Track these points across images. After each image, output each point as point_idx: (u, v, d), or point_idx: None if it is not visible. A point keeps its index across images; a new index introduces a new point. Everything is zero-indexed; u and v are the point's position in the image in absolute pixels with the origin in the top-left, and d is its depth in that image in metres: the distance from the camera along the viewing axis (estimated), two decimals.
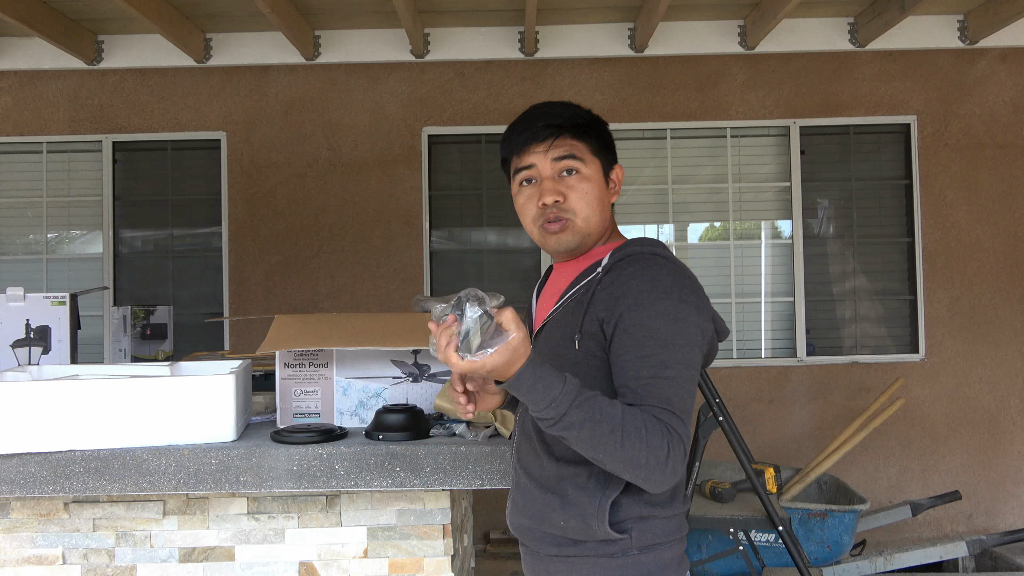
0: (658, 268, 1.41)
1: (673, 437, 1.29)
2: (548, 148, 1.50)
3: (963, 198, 5.05)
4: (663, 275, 1.40)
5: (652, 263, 1.42)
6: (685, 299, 1.39)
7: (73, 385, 1.89)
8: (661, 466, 1.28)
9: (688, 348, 1.36)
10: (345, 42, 4.93)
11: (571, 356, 1.42)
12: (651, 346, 1.34)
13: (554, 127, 1.50)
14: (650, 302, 1.37)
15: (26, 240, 5.19)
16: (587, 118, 1.54)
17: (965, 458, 5.01)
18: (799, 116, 5.06)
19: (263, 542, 2.00)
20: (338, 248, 5.05)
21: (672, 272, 1.42)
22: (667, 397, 1.31)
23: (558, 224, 1.50)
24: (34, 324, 2.49)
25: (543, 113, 1.53)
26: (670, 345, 1.35)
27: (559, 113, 1.52)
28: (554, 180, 1.50)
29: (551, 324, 1.51)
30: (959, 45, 4.88)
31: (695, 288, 1.43)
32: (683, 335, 1.36)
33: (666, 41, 4.87)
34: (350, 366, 2.11)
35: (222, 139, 5.06)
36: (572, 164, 1.50)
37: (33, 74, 5.04)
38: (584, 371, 1.39)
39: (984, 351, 5.02)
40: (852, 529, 3.66)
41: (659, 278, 1.39)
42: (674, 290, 1.39)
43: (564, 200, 1.49)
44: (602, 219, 1.52)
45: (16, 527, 2.00)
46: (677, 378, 1.34)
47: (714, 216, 5.18)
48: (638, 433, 1.26)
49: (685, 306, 1.38)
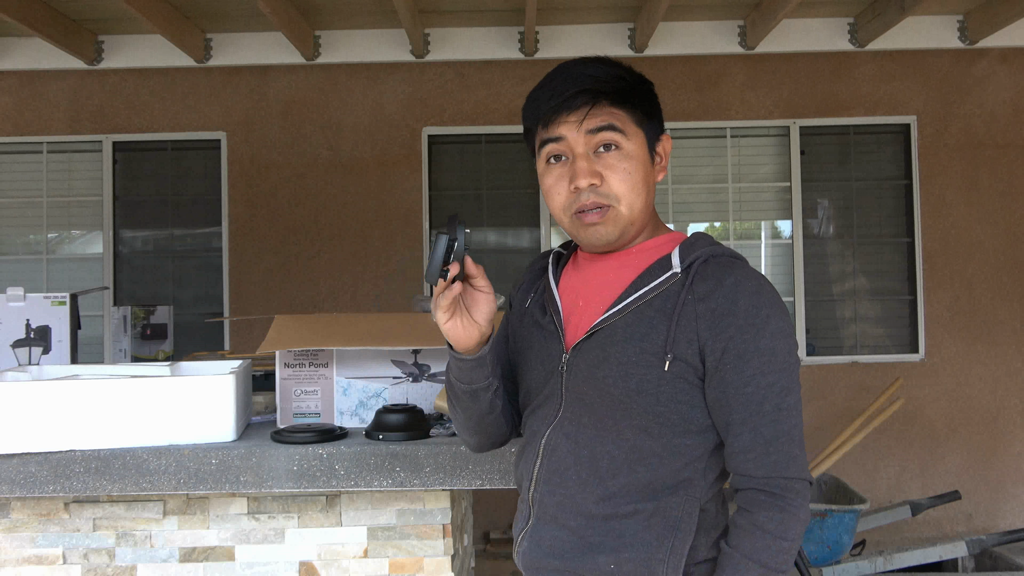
0: (755, 275, 1.22)
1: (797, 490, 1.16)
2: (583, 118, 1.22)
3: (963, 198, 5.05)
4: (763, 283, 1.21)
5: (744, 268, 1.22)
6: (785, 310, 1.22)
7: (73, 385, 1.89)
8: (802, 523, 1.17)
9: (798, 365, 1.22)
10: (345, 42, 4.93)
11: (654, 377, 1.19)
12: (772, 373, 1.17)
13: (590, 92, 1.21)
14: (763, 320, 1.17)
15: (26, 240, 5.19)
16: (631, 80, 1.25)
17: (965, 458, 5.01)
18: (799, 116, 5.06)
19: (263, 542, 2.00)
20: (338, 248, 5.05)
21: (764, 277, 1.23)
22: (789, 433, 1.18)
23: (597, 213, 1.24)
24: (34, 324, 2.49)
25: (577, 75, 1.23)
26: (788, 368, 1.19)
27: (595, 75, 1.22)
28: (589, 158, 1.23)
29: (611, 330, 1.23)
30: (959, 45, 4.88)
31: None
32: (795, 352, 1.21)
33: (666, 41, 4.87)
34: (350, 366, 2.12)
35: (222, 139, 5.06)
36: (612, 138, 1.22)
37: (33, 74, 5.04)
38: (670, 396, 1.19)
39: (984, 351, 5.02)
40: (852, 529, 3.66)
41: (762, 288, 1.20)
42: (777, 301, 1.21)
43: (601, 183, 1.23)
44: (647, 204, 1.26)
45: (16, 527, 2.00)
46: (796, 406, 1.20)
47: (714, 216, 5.18)
48: (778, 546, 1.16)
49: (788, 319, 1.22)
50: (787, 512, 1.15)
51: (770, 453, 1.17)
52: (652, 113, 1.27)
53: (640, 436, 1.21)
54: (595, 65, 1.25)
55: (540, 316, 1.36)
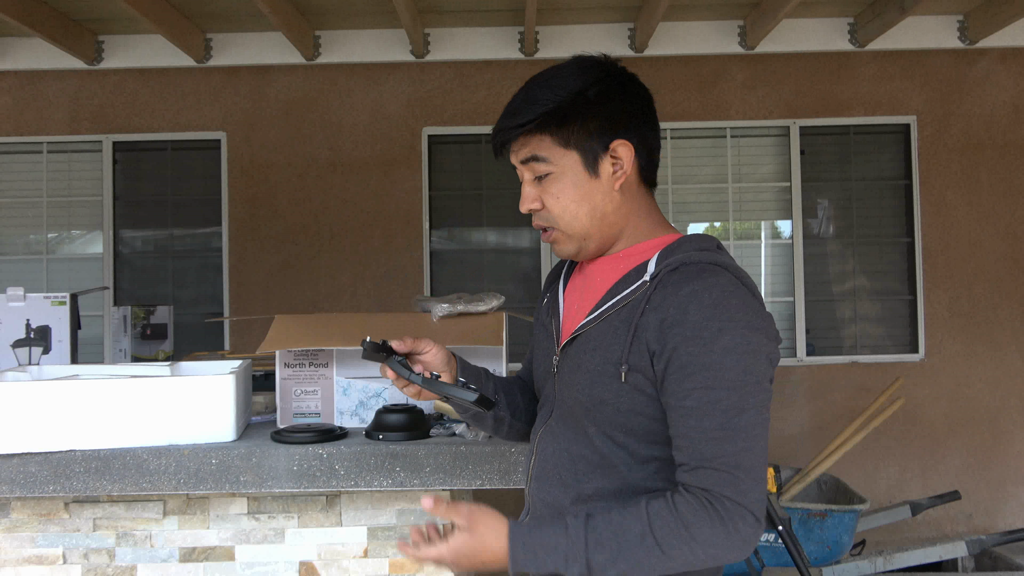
0: (721, 285, 1.15)
1: (731, 512, 1.08)
2: (515, 151, 1.29)
3: (963, 198, 5.05)
4: (728, 295, 1.14)
5: (712, 277, 1.15)
6: (756, 326, 1.14)
7: (73, 385, 1.90)
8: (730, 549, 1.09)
9: (762, 387, 1.13)
10: (345, 42, 4.93)
11: (614, 388, 1.19)
12: (719, 390, 1.10)
13: (512, 128, 1.25)
14: (713, 334, 1.11)
15: (26, 240, 5.19)
16: (559, 101, 1.22)
17: (965, 458, 5.01)
18: (799, 116, 5.06)
19: (263, 542, 2.00)
20: (338, 248, 5.05)
21: (737, 288, 1.16)
22: (735, 455, 1.09)
23: (547, 234, 1.31)
24: (34, 324, 2.49)
25: (507, 109, 1.28)
26: (741, 387, 1.11)
27: (517, 108, 1.25)
28: (534, 184, 1.29)
29: (586, 338, 1.25)
30: (959, 45, 4.88)
31: (762, 307, 1.18)
32: (756, 372, 1.12)
33: (666, 41, 4.87)
34: (350, 366, 2.12)
35: (222, 139, 5.06)
36: (538, 168, 1.27)
37: (33, 74, 5.04)
38: (629, 407, 1.18)
39: (984, 351, 5.02)
40: (852, 529, 3.66)
41: (723, 300, 1.13)
42: (742, 314, 1.13)
43: (542, 207, 1.29)
44: (594, 215, 1.26)
45: (16, 527, 2.00)
46: (751, 426, 1.11)
47: (714, 216, 5.18)
48: (678, 535, 1.08)
49: (756, 335, 1.13)
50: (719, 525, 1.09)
51: (709, 473, 1.10)
52: (591, 126, 1.23)
53: (608, 444, 1.22)
54: (522, 94, 1.26)
55: (546, 318, 1.41)
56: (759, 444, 1.11)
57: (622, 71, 1.29)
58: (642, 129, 1.27)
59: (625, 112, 1.25)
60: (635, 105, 1.27)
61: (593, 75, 1.25)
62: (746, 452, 1.10)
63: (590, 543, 1.10)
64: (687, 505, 1.10)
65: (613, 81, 1.26)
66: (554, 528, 1.12)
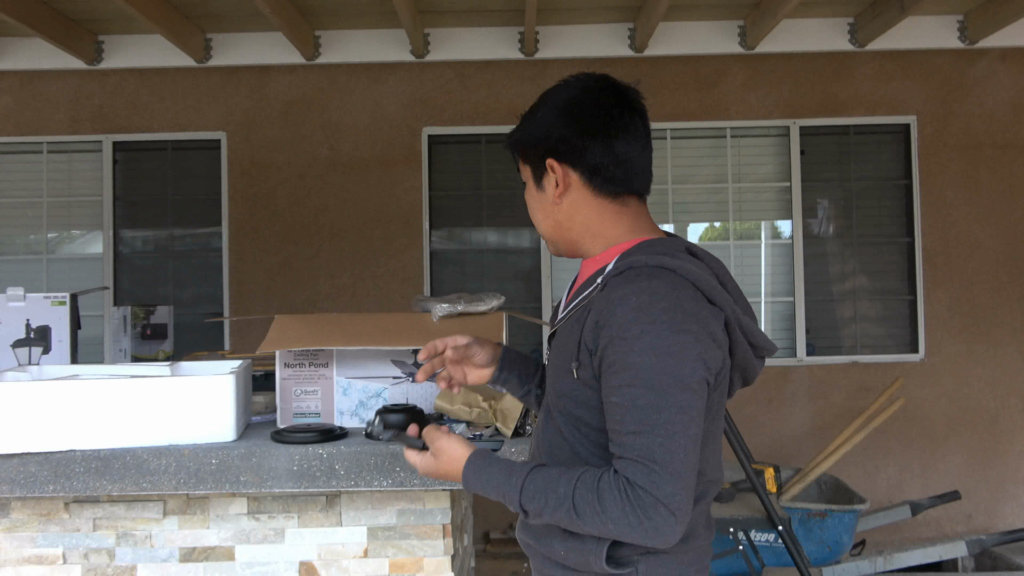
0: (651, 289, 1.20)
1: (643, 501, 1.15)
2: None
3: (963, 198, 5.05)
4: (656, 298, 1.19)
5: (646, 280, 1.22)
6: (681, 328, 1.18)
7: (73, 385, 1.90)
8: (640, 534, 1.17)
9: (682, 389, 1.17)
10: (345, 42, 4.93)
11: (570, 383, 1.29)
12: (637, 387, 1.17)
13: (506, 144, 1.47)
14: (634, 335, 1.18)
15: (26, 240, 5.19)
16: (523, 122, 1.41)
17: (965, 458, 5.01)
18: (799, 116, 5.06)
19: (263, 542, 2.00)
20: (338, 248, 5.05)
21: (672, 291, 1.21)
22: (651, 450, 1.15)
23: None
24: (34, 324, 2.49)
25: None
26: (659, 387, 1.17)
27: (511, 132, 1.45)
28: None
29: (557, 336, 1.38)
30: (959, 45, 4.88)
31: (697, 312, 1.21)
32: (676, 373, 1.17)
33: (666, 41, 4.87)
34: (350, 366, 2.12)
35: (222, 139, 5.06)
36: (522, 177, 1.44)
37: (33, 74, 5.04)
38: (583, 400, 1.27)
39: (984, 351, 5.02)
40: (852, 529, 3.66)
41: (649, 303, 1.19)
42: (666, 317, 1.18)
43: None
44: (547, 222, 1.39)
45: (16, 527, 2.00)
46: (667, 425, 1.16)
47: (714, 216, 5.18)
48: (592, 507, 1.18)
49: (681, 337, 1.18)
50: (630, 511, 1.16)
51: (628, 463, 1.18)
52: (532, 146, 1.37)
53: (573, 433, 1.31)
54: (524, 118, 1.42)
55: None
56: (678, 442, 1.16)
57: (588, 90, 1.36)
58: (580, 150, 1.32)
59: (559, 134, 1.33)
60: (573, 128, 1.33)
61: (553, 98, 1.37)
62: (662, 448, 1.16)
63: (524, 493, 1.24)
64: (608, 485, 1.19)
65: (563, 102, 1.35)
66: (502, 469, 1.29)
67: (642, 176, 1.36)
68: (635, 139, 1.34)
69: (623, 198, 1.35)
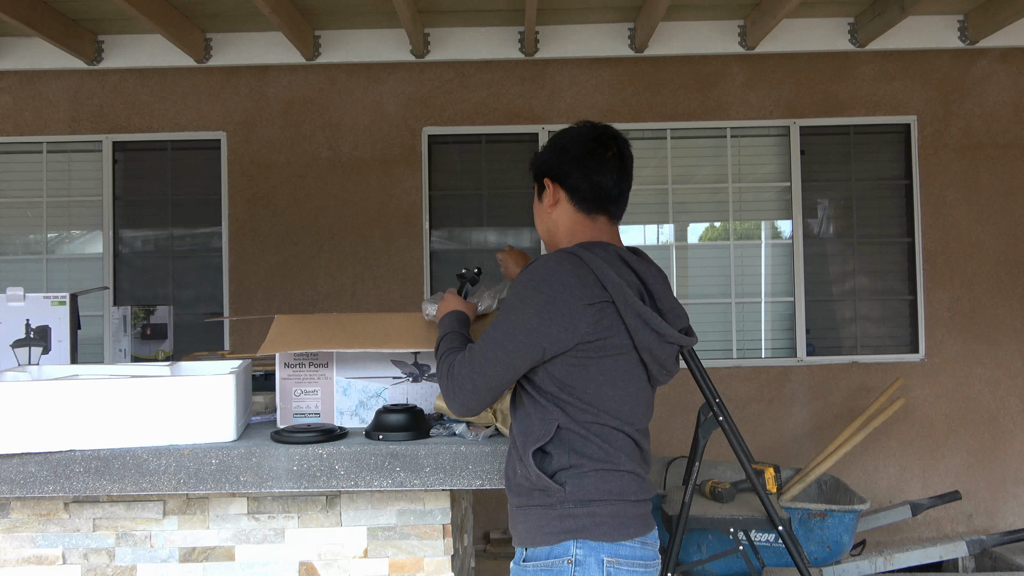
0: (528, 271, 1.65)
1: (453, 370, 1.68)
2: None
3: (963, 198, 5.05)
4: (525, 276, 1.65)
5: (531, 265, 1.67)
6: (526, 298, 1.62)
7: (73, 385, 1.89)
8: (443, 391, 1.70)
9: (504, 336, 1.62)
10: (345, 42, 4.93)
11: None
12: (490, 328, 1.66)
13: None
14: (513, 290, 1.66)
15: (26, 240, 5.19)
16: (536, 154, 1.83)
17: (965, 458, 5.01)
18: (799, 116, 5.06)
19: (263, 542, 2.00)
20: (338, 248, 5.05)
21: (535, 275, 1.63)
22: (473, 352, 1.66)
23: None
24: (34, 324, 2.49)
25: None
26: (496, 326, 1.65)
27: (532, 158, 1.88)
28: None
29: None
30: (959, 45, 4.88)
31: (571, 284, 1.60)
32: (506, 325, 1.63)
33: (666, 41, 4.87)
34: (350, 366, 2.11)
35: (222, 139, 5.06)
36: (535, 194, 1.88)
37: (33, 74, 5.04)
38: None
39: (984, 351, 5.02)
40: (852, 529, 3.66)
41: (521, 279, 1.65)
42: (520, 289, 1.64)
43: None
44: (542, 228, 1.84)
45: (16, 527, 2.00)
46: (483, 345, 1.65)
47: (714, 216, 5.18)
48: (446, 365, 1.71)
49: (523, 304, 1.62)
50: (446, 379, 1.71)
51: (461, 355, 1.71)
52: (536, 167, 1.81)
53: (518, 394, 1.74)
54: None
55: None
56: (483, 358, 1.64)
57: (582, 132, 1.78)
58: (567, 175, 1.76)
59: (554, 161, 1.78)
60: (564, 156, 1.76)
61: (560, 136, 1.80)
62: (475, 353, 1.66)
63: (442, 340, 1.80)
64: (452, 358, 1.72)
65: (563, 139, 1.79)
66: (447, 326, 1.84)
67: (615, 202, 1.76)
68: (609, 173, 1.74)
69: (594, 215, 1.76)
